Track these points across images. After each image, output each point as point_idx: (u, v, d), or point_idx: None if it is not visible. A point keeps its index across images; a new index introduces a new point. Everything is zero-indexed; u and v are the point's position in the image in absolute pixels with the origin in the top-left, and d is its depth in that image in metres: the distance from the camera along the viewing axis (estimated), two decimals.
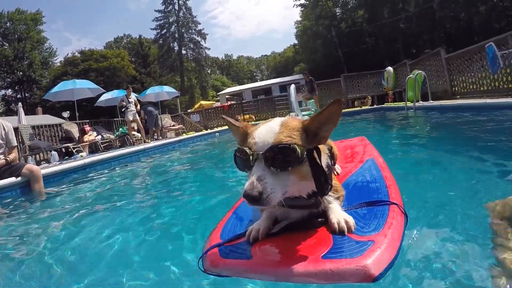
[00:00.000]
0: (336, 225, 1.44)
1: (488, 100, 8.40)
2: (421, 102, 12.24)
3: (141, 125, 14.90)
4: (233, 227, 1.80)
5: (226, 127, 19.75)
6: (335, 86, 22.18)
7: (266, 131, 1.40)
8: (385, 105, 16.65)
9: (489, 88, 10.82)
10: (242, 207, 2.11)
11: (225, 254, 1.52)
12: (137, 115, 14.71)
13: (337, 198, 1.62)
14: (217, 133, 16.64)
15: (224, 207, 2.43)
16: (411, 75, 13.43)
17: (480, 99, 9.47)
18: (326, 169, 1.48)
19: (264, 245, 1.49)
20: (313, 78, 18.92)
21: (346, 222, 1.44)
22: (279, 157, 1.32)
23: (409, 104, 11.93)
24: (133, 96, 14.43)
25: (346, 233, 1.41)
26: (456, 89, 13.07)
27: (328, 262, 1.26)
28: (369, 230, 1.42)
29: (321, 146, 1.49)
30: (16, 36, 55.87)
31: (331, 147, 2.08)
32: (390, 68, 19.39)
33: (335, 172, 2.35)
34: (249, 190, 1.26)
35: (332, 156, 2.04)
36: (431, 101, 12.11)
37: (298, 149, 1.33)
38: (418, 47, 44.14)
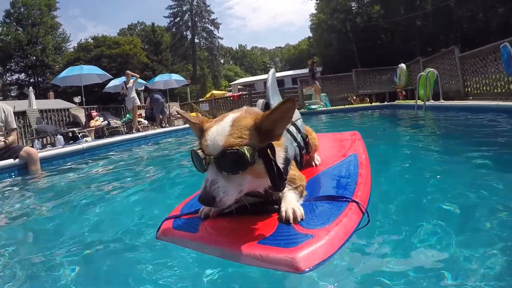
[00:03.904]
0: (283, 214, 1.47)
1: (500, 103, 8.14)
2: (432, 101, 11.98)
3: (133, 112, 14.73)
4: (195, 204, 1.87)
5: None
6: (347, 80, 21.78)
7: (217, 133, 1.39)
8: (396, 102, 16.36)
9: (503, 90, 10.50)
10: None
11: (177, 225, 1.65)
12: (137, 101, 14.46)
13: (295, 188, 1.64)
14: None
15: None
16: (422, 73, 13.14)
17: (492, 101, 9.19)
18: (282, 164, 1.51)
19: (213, 222, 1.58)
20: (314, 67, 18.95)
21: (293, 212, 1.45)
22: (228, 162, 1.33)
23: (419, 102, 11.64)
24: (132, 81, 14.11)
25: (291, 222, 1.43)
26: (469, 89, 12.74)
27: (261, 247, 1.31)
28: (316, 223, 1.43)
29: (278, 142, 1.50)
30: (30, 21, 56.08)
31: (307, 136, 2.23)
32: (403, 65, 19.05)
33: (314, 163, 2.46)
34: (203, 196, 1.31)
35: (306, 146, 2.19)
36: (442, 101, 11.86)
37: (247, 153, 1.33)
38: (434, 46, 43.34)
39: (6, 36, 54.03)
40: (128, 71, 14.56)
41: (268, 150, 1.41)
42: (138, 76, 14.75)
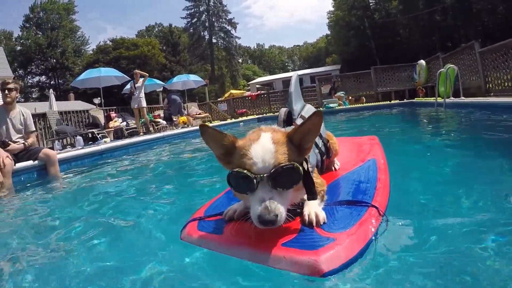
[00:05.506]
0: (306, 217, 1.51)
1: None
2: (452, 98, 11.73)
3: (142, 114, 14.63)
4: (219, 206, 1.98)
5: (252, 117, 19.67)
6: (366, 78, 21.51)
7: (264, 151, 1.39)
8: (415, 100, 16.06)
9: None
10: None
11: (202, 227, 1.70)
12: (143, 102, 14.04)
13: (317, 194, 1.63)
14: (241, 123, 16.57)
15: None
16: (442, 69, 12.88)
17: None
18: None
19: (237, 225, 1.62)
20: (334, 85, 19.82)
21: (316, 216, 1.50)
22: (284, 178, 1.36)
23: (439, 100, 11.41)
24: (141, 81, 13.79)
25: (314, 225, 1.47)
26: (491, 85, 12.41)
27: (286, 249, 1.35)
28: (337, 227, 1.47)
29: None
30: (49, 25, 58.23)
31: (328, 140, 2.28)
32: (422, 62, 18.69)
33: (334, 167, 2.48)
34: (267, 215, 1.29)
35: (327, 151, 2.24)
36: (463, 98, 11.60)
37: (300, 168, 1.38)
38: (455, 41, 42.52)
39: (26, 40, 55.90)
40: (137, 70, 14.27)
41: (304, 162, 1.48)
42: (147, 74, 14.56)
